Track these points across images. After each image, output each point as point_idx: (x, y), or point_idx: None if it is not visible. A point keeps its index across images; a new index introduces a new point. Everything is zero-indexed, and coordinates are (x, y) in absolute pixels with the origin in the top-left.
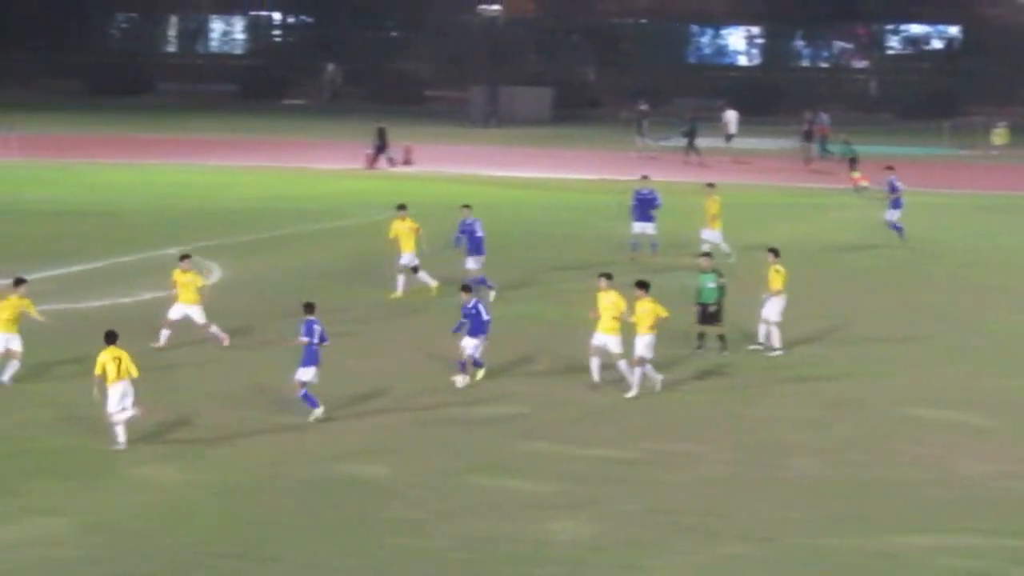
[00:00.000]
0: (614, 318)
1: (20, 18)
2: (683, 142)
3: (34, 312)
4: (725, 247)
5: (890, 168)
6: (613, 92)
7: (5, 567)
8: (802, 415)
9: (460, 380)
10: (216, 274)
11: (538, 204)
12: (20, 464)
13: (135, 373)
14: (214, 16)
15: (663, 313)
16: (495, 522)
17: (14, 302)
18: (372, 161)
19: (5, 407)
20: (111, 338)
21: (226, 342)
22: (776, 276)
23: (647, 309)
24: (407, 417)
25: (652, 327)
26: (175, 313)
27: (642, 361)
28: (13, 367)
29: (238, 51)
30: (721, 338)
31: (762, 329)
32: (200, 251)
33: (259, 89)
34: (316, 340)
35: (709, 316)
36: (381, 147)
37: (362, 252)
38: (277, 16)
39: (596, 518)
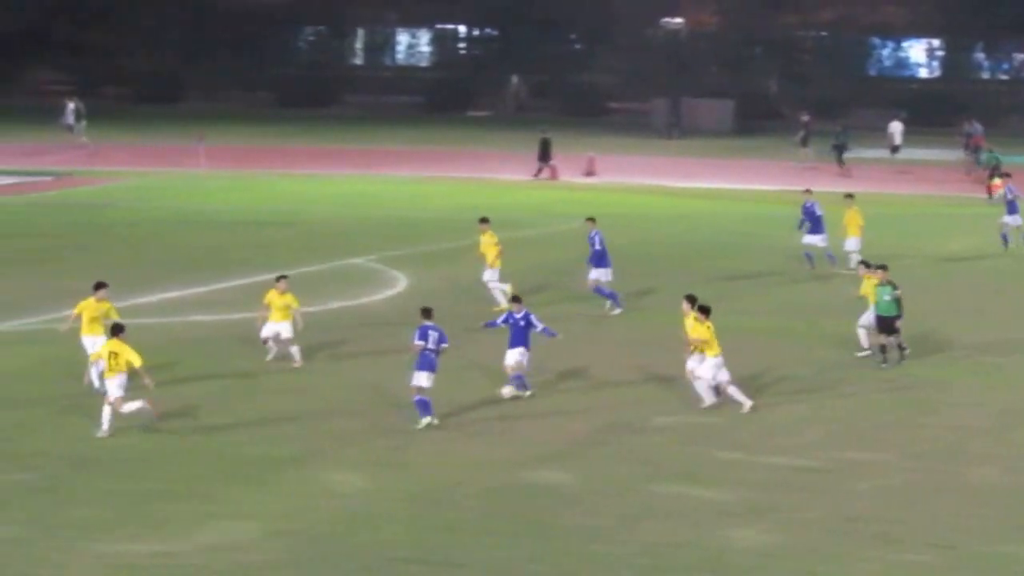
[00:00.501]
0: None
1: (213, 31)
2: (843, 153)
3: (115, 315)
4: (847, 258)
5: (1007, 176)
6: (794, 104)
7: (198, 571)
8: (979, 423)
9: (507, 391)
10: (401, 283)
11: (718, 214)
12: (212, 469)
13: (137, 363)
14: (400, 29)
15: (703, 336)
16: (677, 529)
17: (92, 304)
18: (555, 172)
19: (193, 413)
20: (116, 330)
21: (297, 364)
22: (867, 285)
23: (707, 332)
24: (585, 423)
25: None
26: (267, 331)
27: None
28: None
29: (424, 63)
30: (900, 347)
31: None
32: (385, 261)
33: (444, 101)
34: (432, 345)
35: (890, 328)
36: (543, 157)
37: (544, 262)
38: (463, 29)
39: (777, 526)
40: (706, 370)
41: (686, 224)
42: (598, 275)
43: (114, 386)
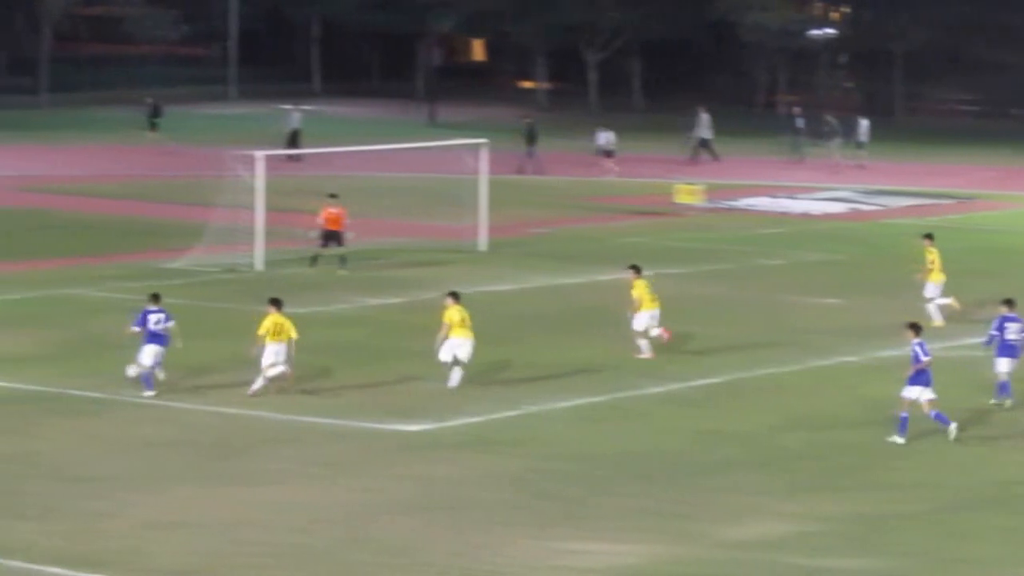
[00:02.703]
0: None
1: None
2: None
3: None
4: None
5: None
6: None
7: None
8: None
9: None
10: None
11: None
12: None
13: (294, 335)
14: None
15: None
16: None
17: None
18: None
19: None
20: (277, 303)
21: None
22: None
23: None
24: None
25: None
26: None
27: None
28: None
29: None
30: None
31: None
32: None
33: None
34: (921, 359)
35: None
36: None
37: None
38: None
39: None
40: None
41: None
42: None
43: (271, 353)
